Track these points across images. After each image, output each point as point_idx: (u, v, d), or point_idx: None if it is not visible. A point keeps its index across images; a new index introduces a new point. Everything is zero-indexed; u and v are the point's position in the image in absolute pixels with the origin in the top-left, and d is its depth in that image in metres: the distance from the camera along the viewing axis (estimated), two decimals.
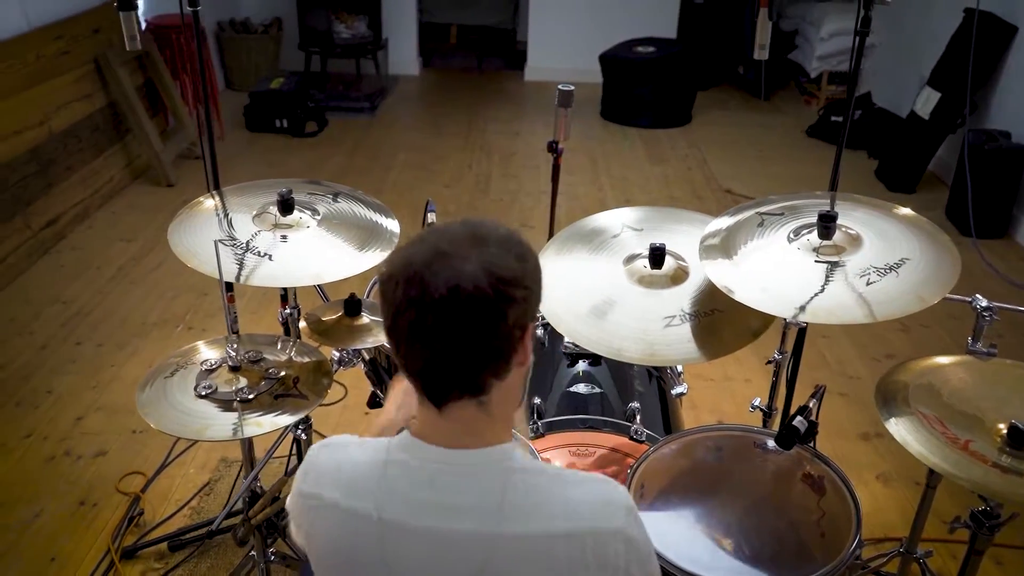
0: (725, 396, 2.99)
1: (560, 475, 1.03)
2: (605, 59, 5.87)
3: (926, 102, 4.66)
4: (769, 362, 1.98)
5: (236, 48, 6.16)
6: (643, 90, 5.74)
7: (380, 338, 1.76)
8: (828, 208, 1.65)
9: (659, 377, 2.23)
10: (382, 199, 1.97)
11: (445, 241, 0.95)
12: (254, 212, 1.82)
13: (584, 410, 1.94)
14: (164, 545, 2.26)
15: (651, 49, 5.78)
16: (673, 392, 2.21)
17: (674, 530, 1.52)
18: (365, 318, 1.79)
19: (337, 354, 1.85)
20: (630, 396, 2.01)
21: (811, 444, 1.71)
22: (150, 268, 3.72)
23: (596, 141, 5.55)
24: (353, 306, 1.77)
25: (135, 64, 4.69)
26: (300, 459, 1.62)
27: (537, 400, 1.93)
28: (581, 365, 2.12)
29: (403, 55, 6.80)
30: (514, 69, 7.03)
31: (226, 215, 1.91)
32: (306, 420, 1.97)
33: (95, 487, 2.48)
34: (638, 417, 1.89)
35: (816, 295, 1.54)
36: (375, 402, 1.89)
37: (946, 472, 1.29)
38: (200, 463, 2.58)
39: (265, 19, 6.33)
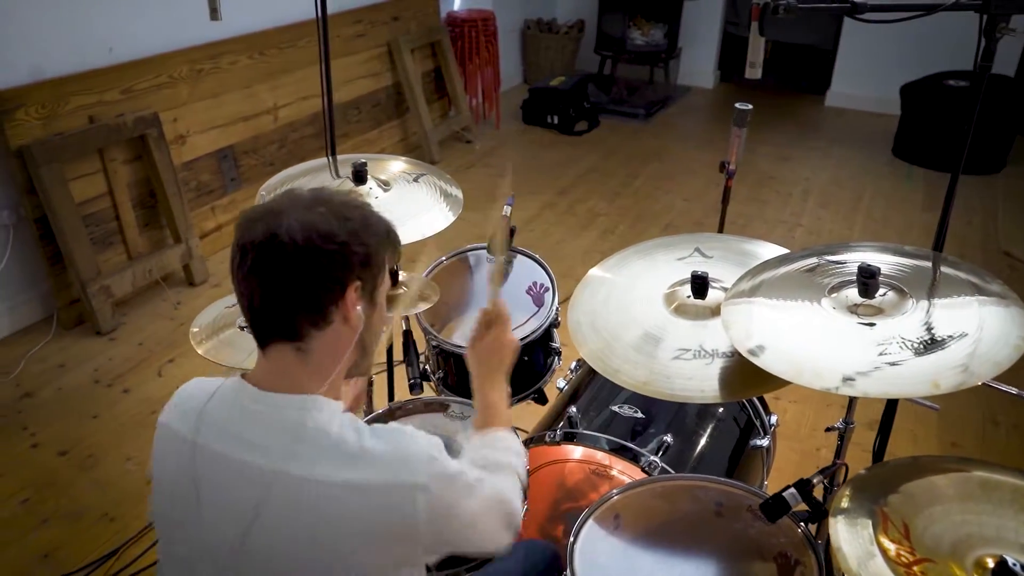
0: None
1: (358, 427, 1.06)
2: (907, 89, 5.29)
3: None
4: (828, 429, 1.74)
5: (537, 46, 6.53)
6: (944, 127, 5.09)
7: (410, 309, 1.86)
8: (867, 266, 1.43)
9: (744, 426, 2.06)
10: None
11: (286, 200, 1.08)
12: (336, 180, 2.02)
13: (615, 431, 1.87)
14: None
15: (964, 83, 5.10)
16: (751, 443, 2.03)
17: (619, 569, 1.44)
18: (400, 288, 1.88)
19: None
20: (671, 429, 1.89)
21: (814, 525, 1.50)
22: None
23: (872, 177, 5.05)
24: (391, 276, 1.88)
25: (428, 51, 5.21)
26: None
27: (573, 410, 1.90)
28: None
29: (698, 66, 6.70)
30: (817, 93, 6.58)
31: (339, 177, 2.14)
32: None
33: None
34: (663, 451, 1.79)
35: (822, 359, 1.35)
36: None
37: None
38: None
39: (570, 20, 6.63)
